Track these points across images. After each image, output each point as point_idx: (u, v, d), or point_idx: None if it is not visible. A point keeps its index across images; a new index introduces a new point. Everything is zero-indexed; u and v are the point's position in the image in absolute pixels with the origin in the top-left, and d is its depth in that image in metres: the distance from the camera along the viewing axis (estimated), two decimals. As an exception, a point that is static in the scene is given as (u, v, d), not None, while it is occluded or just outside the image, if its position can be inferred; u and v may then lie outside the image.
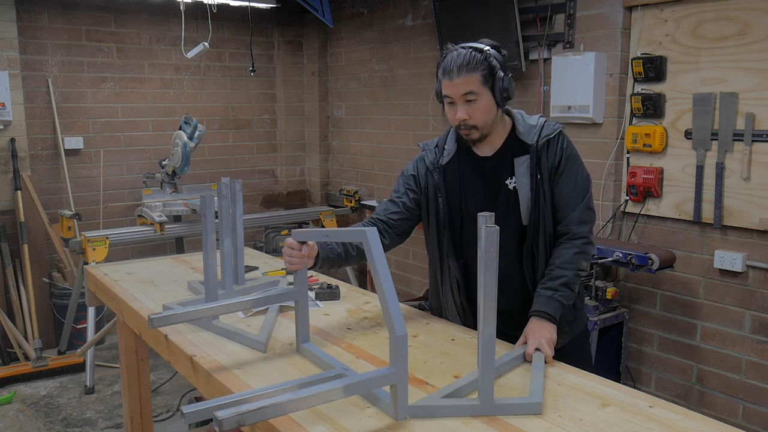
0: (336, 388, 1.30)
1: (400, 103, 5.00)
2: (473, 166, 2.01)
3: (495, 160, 1.98)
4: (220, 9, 5.14)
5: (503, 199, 1.96)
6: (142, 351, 2.66)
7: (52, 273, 4.70)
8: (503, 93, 1.89)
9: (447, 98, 1.92)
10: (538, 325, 1.81)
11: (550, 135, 1.93)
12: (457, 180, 2.02)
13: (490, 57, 1.88)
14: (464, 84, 1.87)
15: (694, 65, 3.12)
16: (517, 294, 1.98)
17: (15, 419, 3.63)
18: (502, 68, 1.89)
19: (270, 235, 5.08)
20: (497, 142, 1.98)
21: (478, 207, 1.96)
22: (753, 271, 3.02)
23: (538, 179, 1.91)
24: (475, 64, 1.87)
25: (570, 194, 1.93)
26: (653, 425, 1.35)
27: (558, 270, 1.89)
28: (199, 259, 2.87)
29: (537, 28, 3.77)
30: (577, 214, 1.93)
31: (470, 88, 1.87)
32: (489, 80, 1.88)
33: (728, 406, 3.15)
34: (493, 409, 1.41)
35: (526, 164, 1.93)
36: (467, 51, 1.89)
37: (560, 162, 1.93)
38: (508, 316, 1.97)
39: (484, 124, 1.92)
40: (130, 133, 5.11)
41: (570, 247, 1.91)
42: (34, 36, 4.67)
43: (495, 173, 1.98)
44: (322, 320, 2.06)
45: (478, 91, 1.87)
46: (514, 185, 1.95)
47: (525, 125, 1.96)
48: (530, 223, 1.93)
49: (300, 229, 1.78)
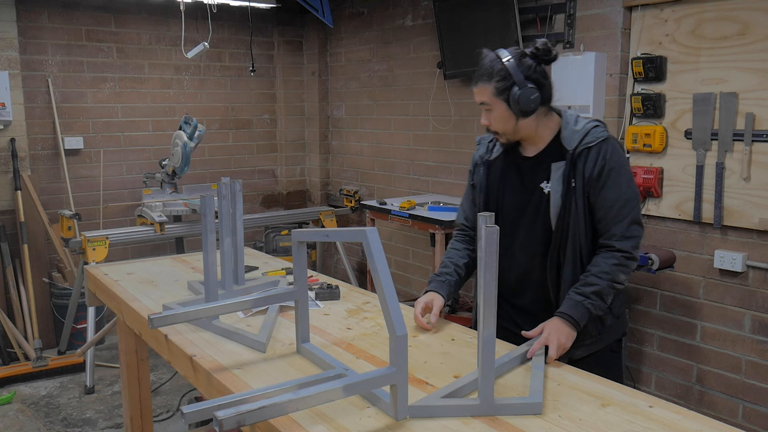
0: (336, 388, 1.30)
1: (400, 103, 5.00)
2: (515, 164, 2.03)
3: (535, 161, 1.99)
4: (220, 9, 5.14)
5: (536, 201, 1.97)
6: (142, 351, 2.66)
7: (52, 273, 4.70)
8: (516, 106, 1.87)
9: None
10: (557, 325, 1.80)
11: (590, 143, 1.89)
12: (499, 176, 2.06)
13: (508, 68, 1.87)
14: (478, 93, 1.92)
15: (694, 65, 3.12)
16: (536, 295, 2.01)
17: (15, 419, 3.63)
18: (525, 78, 1.87)
19: (270, 235, 5.08)
20: (541, 144, 1.98)
21: (513, 206, 2.02)
22: (753, 271, 3.02)
23: (571, 187, 1.89)
24: (490, 74, 1.88)
25: (612, 207, 1.89)
26: (653, 425, 1.35)
27: (592, 278, 1.87)
28: (199, 259, 2.87)
29: (537, 28, 3.77)
30: (621, 229, 1.89)
31: (483, 98, 1.91)
32: (504, 92, 1.87)
33: (728, 406, 3.15)
34: (493, 409, 1.41)
35: (561, 170, 1.91)
36: (489, 60, 1.91)
37: (601, 173, 1.88)
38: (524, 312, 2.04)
39: (504, 132, 1.94)
40: (130, 133, 5.11)
41: (609, 257, 1.89)
42: (34, 36, 4.67)
43: (533, 174, 1.98)
44: (322, 320, 2.06)
45: (490, 102, 1.90)
46: (548, 189, 1.94)
47: (570, 129, 1.93)
48: (557, 230, 1.92)
49: (300, 229, 1.78)
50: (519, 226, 2.02)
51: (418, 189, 4.89)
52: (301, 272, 1.76)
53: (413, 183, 4.96)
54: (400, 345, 1.34)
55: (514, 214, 2.02)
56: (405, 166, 5.03)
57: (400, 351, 1.34)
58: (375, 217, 4.33)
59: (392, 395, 1.38)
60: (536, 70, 1.90)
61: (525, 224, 2.00)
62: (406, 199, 4.34)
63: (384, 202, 4.35)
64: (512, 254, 2.03)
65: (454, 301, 4.39)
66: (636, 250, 1.91)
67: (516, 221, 2.03)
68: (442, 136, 4.64)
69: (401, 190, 5.05)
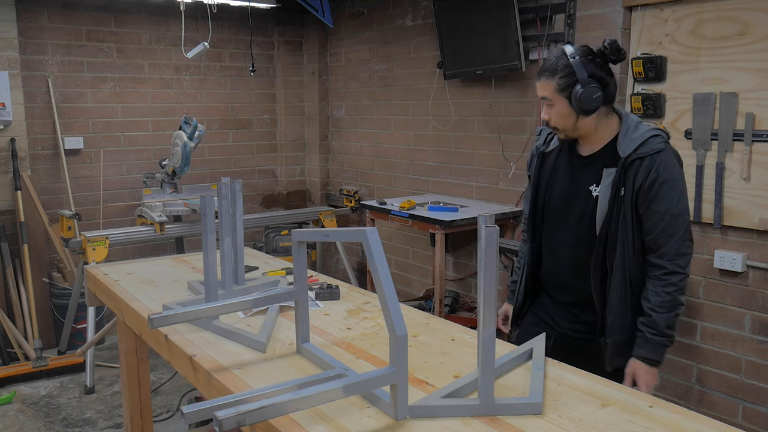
0: (336, 388, 1.30)
1: (400, 103, 5.00)
2: (569, 161, 2.03)
3: (588, 162, 1.98)
4: (220, 9, 5.14)
5: (583, 202, 1.96)
6: (142, 351, 2.66)
7: (52, 273, 4.70)
8: (578, 104, 1.87)
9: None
10: (644, 370, 1.90)
11: (645, 153, 1.86)
12: (551, 170, 2.07)
13: (572, 65, 1.86)
14: (541, 88, 1.93)
15: (694, 65, 3.12)
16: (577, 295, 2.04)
17: (15, 419, 3.63)
18: (589, 76, 1.86)
19: (270, 235, 5.08)
20: (597, 145, 1.96)
21: (559, 202, 2.04)
22: (753, 271, 3.02)
23: (620, 195, 1.87)
24: (554, 70, 1.88)
25: (661, 221, 1.87)
26: (653, 425, 1.35)
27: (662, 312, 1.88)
28: (199, 259, 2.87)
29: (537, 28, 3.77)
30: (674, 246, 1.87)
31: (545, 93, 1.91)
32: (566, 89, 1.87)
33: (728, 406, 3.15)
34: (493, 409, 1.41)
35: (611, 177, 1.89)
36: (555, 55, 1.91)
37: (652, 185, 1.85)
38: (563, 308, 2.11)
39: (564, 128, 1.94)
40: (130, 133, 5.11)
41: (666, 285, 1.88)
42: (34, 36, 4.67)
43: (584, 175, 1.98)
44: (322, 320, 2.06)
45: (552, 98, 1.90)
46: (597, 193, 1.93)
47: (627, 136, 1.90)
48: (600, 236, 1.91)
49: (300, 229, 1.78)
50: (564, 223, 2.03)
51: (418, 189, 4.89)
52: (301, 272, 1.76)
53: (413, 183, 4.96)
54: (400, 345, 1.34)
55: (560, 210, 2.04)
56: (405, 166, 5.03)
57: (400, 351, 1.34)
58: (375, 217, 4.33)
59: (392, 395, 1.38)
60: (602, 68, 1.89)
61: (570, 223, 2.01)
62: (406, 199, 4.34)
63: (384, 202, 4.35)
64: (556, 250, 2.07)
65: (453, 301, 4.39)
66: (688, 267, 1.91)
67: (561, 218, 2.04)
68: (442, 136, 4.64)
69: (401, 190, 5.05)
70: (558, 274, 2.08)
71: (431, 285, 4.64)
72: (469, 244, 4.50)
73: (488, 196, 4.34)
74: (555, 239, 2.07)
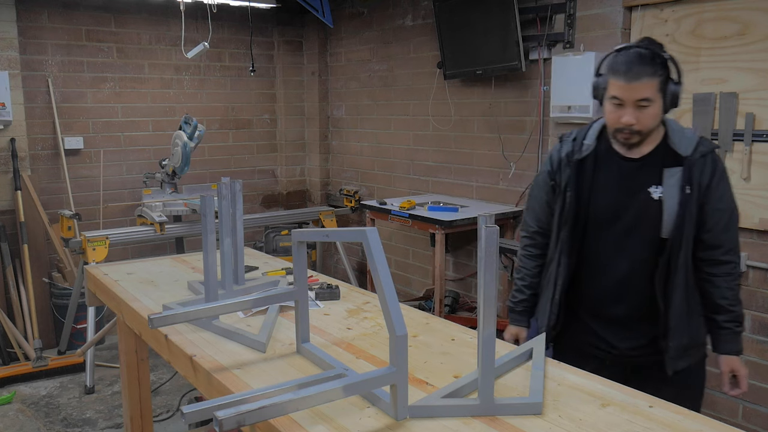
0: (336, 388, 1.30)
1: (400, 103, 5.00)
2: (612, 165, 1.93)
3: (641, 164, 1.90)
4: (220, 9, 5.14)
5: (641, 206, 1.89)
6: (142, 351, 2.66)
7: (52, 273, 4.70)
8: (673, 101, 1.82)
9: (616, 99, 1.82)
10: (741, 363, 2.03)
11: (705, 151, 1.86)
12: (590, 177, 1.95)
13: (668, 62, 1.81)
14: (642, 88, 1.78)
15: (694, 65, 3.12)
16: (636, 303, 1.95)
17: (15, 419, 3.63)
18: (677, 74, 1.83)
19: (270, 235, 5.08)
20: (646, 147, 1.90)
21: (607, 208, 1.93)
22: (753, 271, 3.02)
23: (687, 194, 1.84)
24: (655, 68, 1.79)
25: (722, 217, 1.88)
26: (653, 425, 1.35)
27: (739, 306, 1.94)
28: (199, 259, 2.87)
29: (537, 28, 3.77)
30: (734, 241, 1.90)
31: (647, 93, 1.78)
32: (664, 88, 1.81)
33: (728, 406, 3.15)
34: (493, 409, 1.41)
35: (677, 176, 1.85)
36: (648, 53, 1.80)
37: (711, 180, 1.85)
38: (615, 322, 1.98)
39: (648, 131, 1.85)
40: (130, 133, 5.11)
41: (735, 278, 1.93)
42: (34, 36, 4.67)
43: (638, 178, 1.90)
44: (322, 320, 2.06)
45: (653, 98, 1.79)
46: (659, 195, 1.87)
47: (680, 136, 1.88)
48: (672, 238, 1.86)
49: (300, 229, 1.78)
50: (614, 231, 1.93)
51: (418, 189, 4.89)
52: (301, 272, 1.76)
53: (413, 183, 4.96)
54: (400, 345, 1.34)
55: (609, 218, 1.94)
56: (405, 166, 5.03)
57: (400, 351, 1.34)
58: (375, 217, 4.33)
59: (392, 395, 1.38)
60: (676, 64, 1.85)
61: (623, 229, 1.92)
62: (406, 199, 4.34)
63: (384, 202, 4.35)
64: (608, 261, 1.96)
65: (453, 301, 4.39)
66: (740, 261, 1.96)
67: (610, 225, 1.94)
68: (442, 136, 4.64)
69: (401, 190, 5.05)
70: (610, 287, 1.97)
71: (431, 285, 4.64)
72: (469, 244, 4.50)
73: (488, 196, 4.34)
74: (605, 250, 1.95)
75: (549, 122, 3.75)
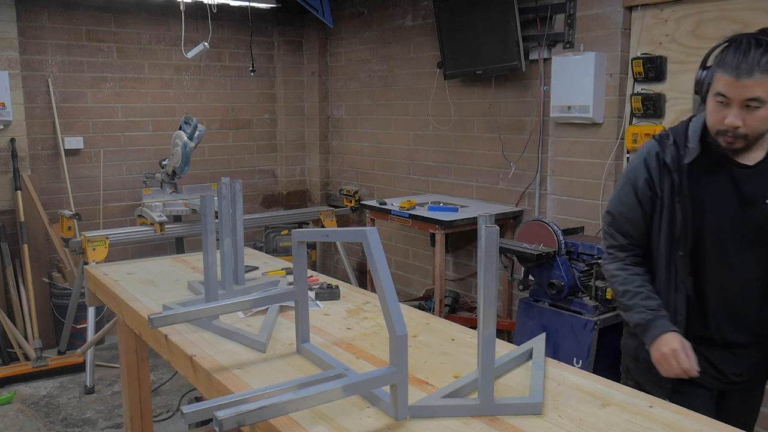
0: (336, 388, 1.30)
1: (400, 103, 5.00)
2: (724, 172, 1.72)
3: (756, 171, 1.71)
4: (220, 9, 5.14)
5: (756, 218, 1.71)
6: (142, 351, 2.66)
7: (52, 273, 4.70)
8: None
9: (721, 97, 1.63)
10: None
11: None
12: (699, 185, 1.72)
13: None
14: (754, 86, 1.57)
15: (694, 65, 3.10)
16: (751, 325, 1.78)
17: (15, 419, 3.63)
18: None
19: (270, 235, 5.08)
20: (759, 152, 1.72)
21: (721, 220, 1.72)
22: None
23: None
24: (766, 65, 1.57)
25: None
26: (653, 425, 1.35)
27: None
28: (199, 259, 2.87)
29: (537, 28, 3.77)
30: None
31: (758, 93, 1.58)
32: None
33: None
34: (493, 409, 1.41)
35: None
36: (765, 48, 1.58)
37: None
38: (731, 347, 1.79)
39: (755, 134, 1.64)
40: (130, 133, 5.11)
41: None
42: (34, 36, 4.67)
43: (753, 187, 1.71)
44: (322, 320, 2.06)
45: (765, 98, 1.59)
46: None
47: None
48: None
49: (300, 229, 1.78)
50: (725, 244, 1.74)
51: (418, 189, 4.89)
52: (301, 272, 1.76)
53: (413, 183, 4.96)
54: (400, 345, 1.34)
55: (725, 233, 1.74)
56: (405, 166, 5.03)
57: (400, 351, 1.34)
58: (375, 217, 4.33)
59: (392, 395, 1.38)
60: None
61: (735, 243, 1.73)
62: (406, 199, 4.34)
63: (384, 202, 4.35)
64: (726, 282, 1.77)
65: (453, 301, 4.39)
66: None
67: (722, 239, 1.74)
68: (442, 136, 4.64)
69: (401, 190, 5.05)
70: (727, 309, 1.77)
71: (431, 285, 4.64)
72: (469, 244, 4.50)
73: (488, 196, 4.34)
74: (721, 268, 1.75)
75: (549, 122, 3.75)
